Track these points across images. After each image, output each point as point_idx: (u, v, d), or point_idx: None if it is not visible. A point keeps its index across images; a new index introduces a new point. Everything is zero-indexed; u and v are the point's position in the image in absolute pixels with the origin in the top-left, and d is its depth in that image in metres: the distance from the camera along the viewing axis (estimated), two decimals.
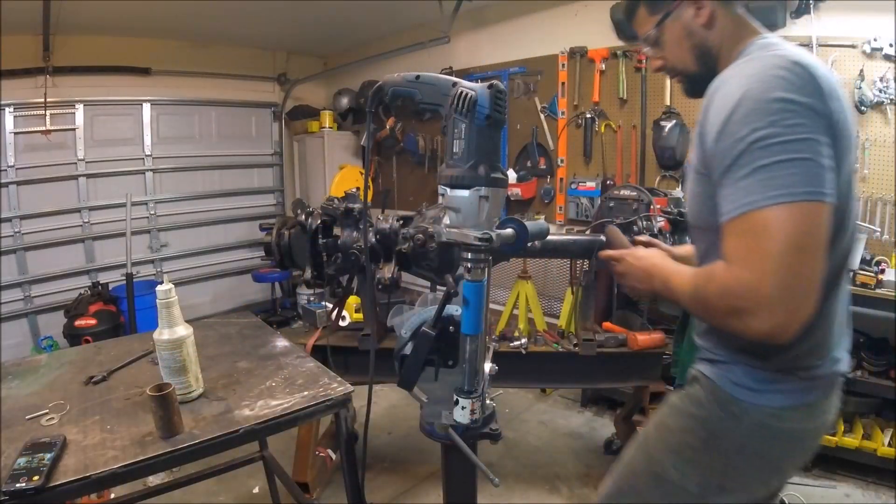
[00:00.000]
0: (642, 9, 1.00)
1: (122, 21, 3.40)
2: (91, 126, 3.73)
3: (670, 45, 0.99)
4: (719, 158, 0.77)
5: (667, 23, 0.96)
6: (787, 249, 0.71)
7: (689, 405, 0.95)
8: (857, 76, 2.41)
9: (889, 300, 2.13)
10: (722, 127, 0.77)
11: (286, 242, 2.13)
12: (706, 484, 0.93)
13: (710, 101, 0.82)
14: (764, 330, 0.73)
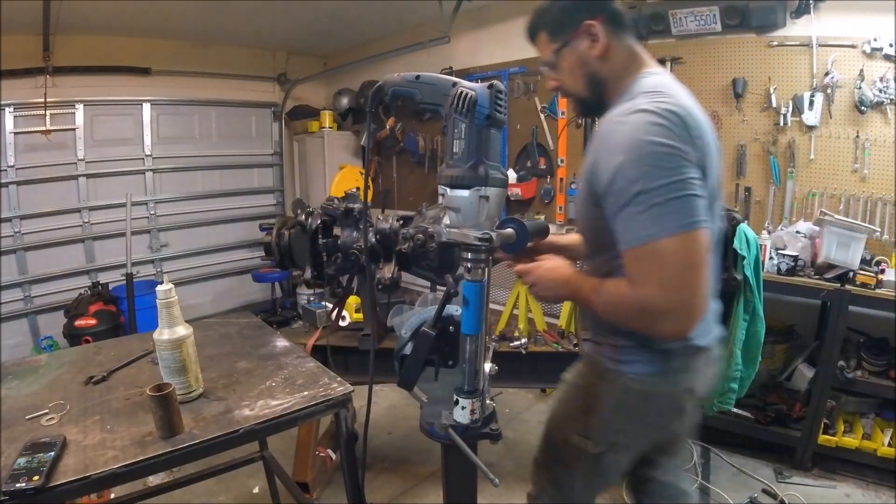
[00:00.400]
0: (544, 34, 1.07)
1: (122, 21, 3.40)
2: (91, 126, 3.73)
3: (566, 71, 1.07)
4: (614, 197, 0.90)
5: (564, 51, 1.05)
6: (680, 270, 0.87)
7: (576, 378, 1.20)
8: (857, 76, 2.41)
9: (889, 300, 2.12)
10: (616, 170, 0.89)
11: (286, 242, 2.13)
12: (601, 443, 1.10)
13: (602, 144, 0.94)
14: (668, 332, 0.92)
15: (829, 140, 2.53)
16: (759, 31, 2.63)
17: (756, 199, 2.75)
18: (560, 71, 1.08)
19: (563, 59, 1.06)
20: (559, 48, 1.05)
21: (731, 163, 2.81)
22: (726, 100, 2.77)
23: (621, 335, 1.05)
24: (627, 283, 0.92)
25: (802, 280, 2.29)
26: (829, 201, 2.55)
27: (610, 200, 0.91)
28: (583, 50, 1.04)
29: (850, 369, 2.28)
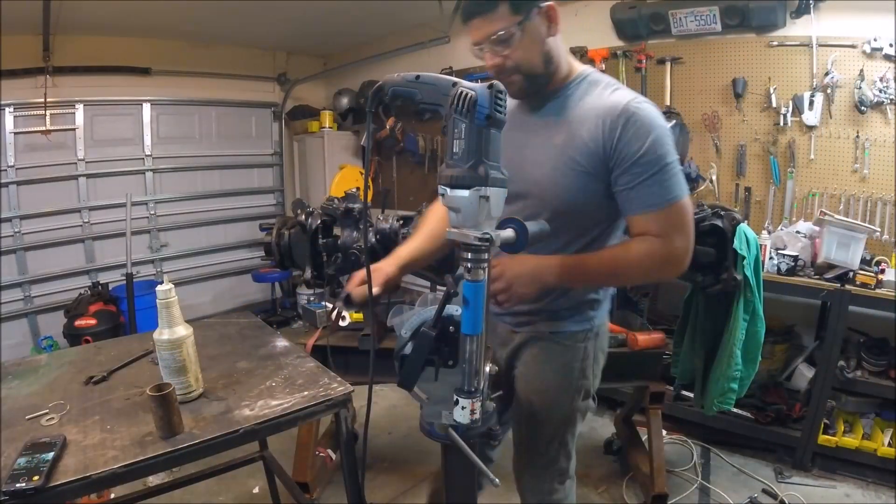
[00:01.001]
0: (505, 5, 1.04)
1: (122, 21, 3.40)
2: (91, 126, 3.73)
3: (524, 46, 1.07)
4: (641, 166, 1.05)
5: (527, 24, 1.06)
6: (692, 222, 1.10)
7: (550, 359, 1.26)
8: (857, 76, 2.41)
9: (889, 300, 2.13)
10: (650, 144, 1.04)
11: (286, 242, 2.13)
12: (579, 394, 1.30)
13: (615, 125, 1.06)
14: (681, 272, 1.13)
15: (829, 140, 2.53)
16: (759, 31, 2.63)
17: (756, 199, 2.75)
18: (516, 46, 1.07)
19: (525, 32, 1.06)
20: (522, 21, 1.05)
21: (731, 163, 2.81)
22: (726, 100, 2.77)
23: (565, 299, 1.21)
24: (655, 239, 1.08)
25: (802, 280, 2.29)
26: (829, 201, 2.55)
27: (628, 172, 1.06)
28: (542, 28, 1.09)
29: (850, 369, 2.28)
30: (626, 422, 2.52)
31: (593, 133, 1.07)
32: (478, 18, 1.06)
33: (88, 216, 3.80)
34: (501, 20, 1.04)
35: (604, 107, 1.08)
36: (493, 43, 1.06)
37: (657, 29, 2.88)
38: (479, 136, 0.80)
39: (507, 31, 1.04)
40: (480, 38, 1.07)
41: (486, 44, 1.07)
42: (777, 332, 2.49)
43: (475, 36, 1.08)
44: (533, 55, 1.09)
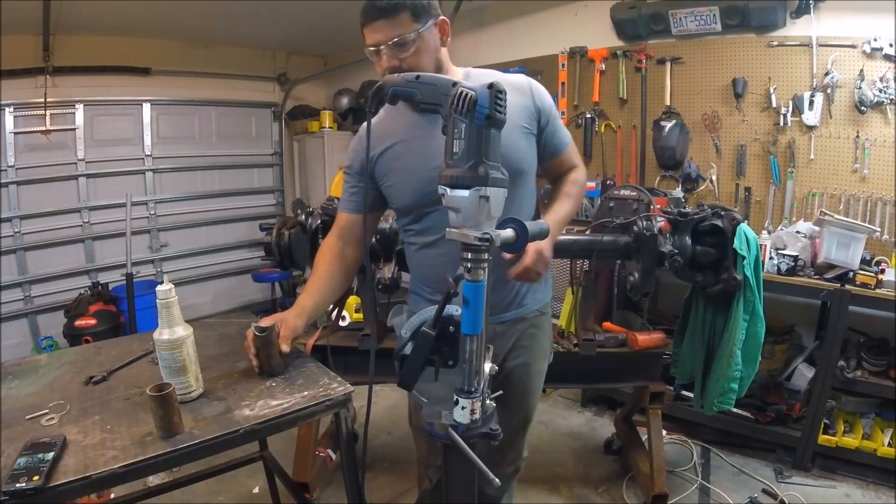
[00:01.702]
0: (407, 13, 1.15)
1: (122, 21, 3.40)
2: (91, 126, 3.73)
3: (420, 52, 1.18)
4: (553, 118, 1.34)
5: (425, 33, 1.17)
6: None
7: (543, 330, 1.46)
8: (857, 76, 2.41)
9: (889, 300, 2.13)
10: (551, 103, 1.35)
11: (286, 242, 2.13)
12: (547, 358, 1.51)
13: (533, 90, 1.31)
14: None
15: (829, 140, 2.53)
16: (759, 31, 2.64)
17: (756, 199, 2.75)
18: (413, 51, 1.17)
19: (423, 40, 1.17)
20: (422, 29, 1.16)
21: (731, 163, 2.81)
22: (726, 100, 2.77)
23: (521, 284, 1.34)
24: (580, 166, 1.45)
25: (802, 280, 2.29)
26: (829, 201, 2.55)
27: (551, 122, 1.34)
28: (435, 38, 1.22)
29: (850, 369, 2.28)
30: (626, 422, 2.52)
31: (523, 101, 1.27)
32: (381, 21, 1.15)
33: (88, 216, 3.80)
34: (403, 26, 1.15)
35: (513, 82, 1.26)
36: (393, 46, 1.15)
37: (657, 29, 2.89)
38: (479, 136, 0.80)
39: (407, 35, 1.15)
40: (381, 40, 1.16)
41: (385, 46, 1.16)
42: (777, 332, 2.49)
43: (376, 37, 1.17)
44: (427, 60, 1.20)
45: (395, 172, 1.29)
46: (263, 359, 1.21)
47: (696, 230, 1.83)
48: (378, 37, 1.16)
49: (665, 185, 3.00)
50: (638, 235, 1.83)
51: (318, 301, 1.36)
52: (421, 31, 1.16)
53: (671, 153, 2.90)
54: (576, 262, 2.29)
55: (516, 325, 1.39)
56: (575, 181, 1.42)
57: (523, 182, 1.31)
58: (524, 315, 1.40)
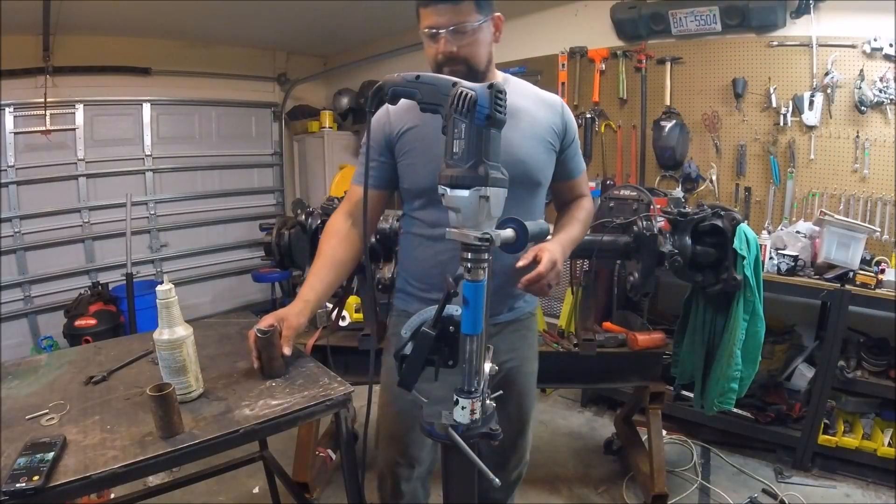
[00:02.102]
0: (472, 4, 1.16)
1: (122, 21, 3.40)
2: (91, 126, 3.73)
3: (478, 42, 1.19)
4: (574, 141, 1.37)
5: (484, 25, 1.19)
6: None
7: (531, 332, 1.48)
8: (857, 76, 2.41)
9: (889, 300, 2.13)
10: (575, 126, 1.39)
11: (286, 242, 2.13)
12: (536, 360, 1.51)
13: (564, 111, 1.35)
14: None
15: (829, 140, 2.53)
16: (759, 31, 2.64)
17: (756, 199, 2.75)
18: (469, 41, 1.17)
19: (481, 31, 1.19)
20: (482, 21, 1.18)
21: (731, 163, 2.81)
22: (726, 100, 2.77)
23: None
24: (588, 196, 1.46)
25: (802, 280, 2.29)
26: (829, 201, 2.55)
27: (573, 146, 1.37)
28: (491, 32, 1.24)
29: (850, 369, 2.28)
30: (626, 422, 2.52)
31: (552, 118, 1.30)
32: (445, 4, 1.15)
33: (88, 216, 3.80)
34: (466, 14, 1.15)
35: (546, 99, 1.33)
36: (454, 31, 1.16)
37: (657, 29, 2.89)
38: (479, 136, 0.80)
39: (469, 24, 1.16)
40: (442, 24, 1.16)
41: (446, 30, 1.16)
42: (777, 332, 2.49)
43: (436, 20, 1.16)
44: (483, 53, 1.21)
45: (416, 151, 1.27)
46: (265, 361, 1.20)
47: (696, 230, 1.83)
48: (439, 20, 1.16)
49: (665, 185, 3.00)
50: (638, 235, 1.83)
51: (322, 293, 1.29)
52: (481, 24, 1.17)
53: (671, 153, 2.90)
54: (576, 262, 2.29)
55: (510, 326, 1.39)
56: (585, 208, 1.44)
57: (538, 193, 1.33)
58: (518, 317, 1.40)
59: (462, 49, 1.17)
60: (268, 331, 1.17)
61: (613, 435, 2.60)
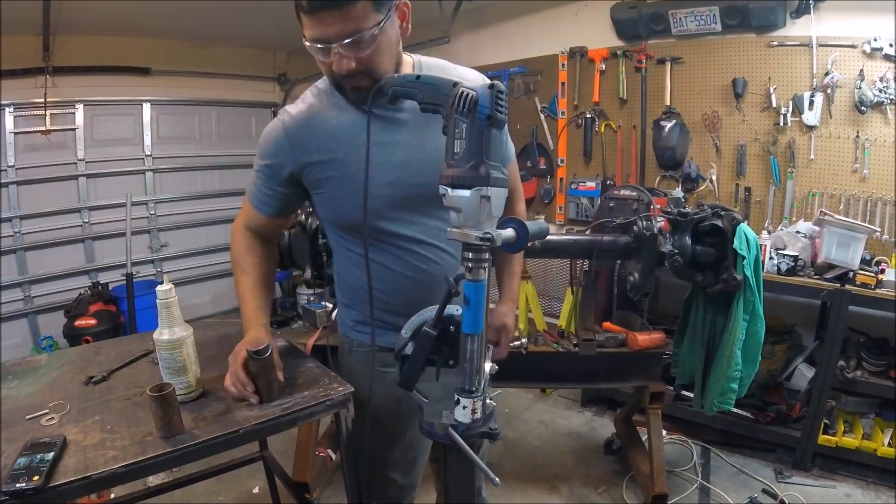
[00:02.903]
0: (366, 4, 0.91)
1: (122, 21, 3.40)
2: (91, 126, 3.73)
3: (381, 48, 0.97)
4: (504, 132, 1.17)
5: (387, 25, 0.95)
6: None
7: None
8: (857, 76, 2.41)
9: (889, 300, 2.13)
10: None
11: (286, 242, 2.13)
12: None
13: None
14: None
15: (829, 140, 2.53)
16: (759, 31, 2.64)
17: (756, 199, 2.75)
18: (373, 49, 0.96)
19: (384, 33, 0.96)
20: (384, 21, 0.94)
21: (731, 163, 2.81)
22: (726, 100, 2.77)
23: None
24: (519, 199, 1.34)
25: (802, 280, 2.29)
26: (829, 201, 2.55)
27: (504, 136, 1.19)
28: (396, 28, 1.01)
29: (850, 369, 2.28)
30: (626, 422, 2.52)
31: None
32: (330, 12, 0.91)
33: (88, 216, 3.80)
34: (360, 19, 0.92)
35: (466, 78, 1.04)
36: (349, 45, 0.93)
37: (657, 29, 2.89)
38: (480, 136, 0.80)
39: (367, 32, 0.93)
40: (332, 37, 0.93)
41: (338, 44, 0.93)
42: (777, 332, 2.49)
43: (324, 32, 0.93)
44: (387, 58, 1.00)
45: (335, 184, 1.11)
46: (264, 385, 1.10)
47: (696, 230, 1.83)
48: (329, 32, 0.93)
49: (665, 185, 3.00)
50: (638, 235, 1.83)
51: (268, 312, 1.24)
52: (383, 25, 0.94)
53: (671, 153, 2.90)
54: (576, 262, 2.29)
55: None
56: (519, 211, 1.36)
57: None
58: None
59: (363, 61, 0.96)
60: (263, 350, 1.07)
61: (613, 435, 2.60)
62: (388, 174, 1.08)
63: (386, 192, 1.09)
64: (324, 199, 1.15)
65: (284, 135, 1.10)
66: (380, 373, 1.14)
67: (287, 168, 1.12)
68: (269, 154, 1.13)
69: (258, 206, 1.21)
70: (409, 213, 1.13)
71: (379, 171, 1.06)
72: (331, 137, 1.08)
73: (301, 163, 1.10)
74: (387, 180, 1.08)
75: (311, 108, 1.10)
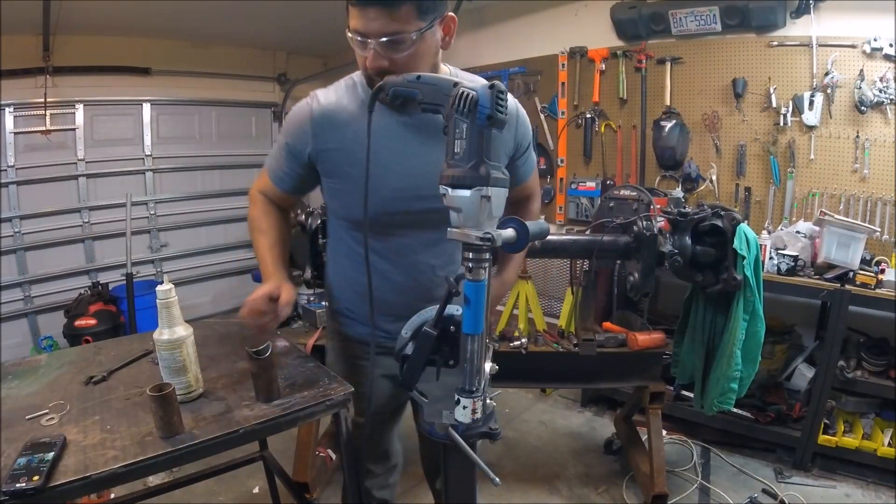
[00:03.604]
0: (411, 7, 0.95)
1: (122, 21, 3.39)
2: (91, 126, 3.72)
3: (418, 54, 0.99)
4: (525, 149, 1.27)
5: (427, 33, 0.99)
6: None
7: None
8: (857, 76, 2.41)
9: (889, 300, 2.13)
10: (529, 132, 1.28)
11: None
12: None
13: (519, 121, 1.22)
14: None
15: (829, 140, 2.53)
16: (759, 31, 2.64)
17: (756, 199, 2.75)
18: (407, 53, 0.98)
19: (423, 41, 0.99)
20: (425, 28, 0.97)
21: (731, 163, 2.81)
22: (726, 100, 2.77)
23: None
24: (534, 198, 1.40)
25: (802, 280, 2.29)
26: (829, 201, 2.55)
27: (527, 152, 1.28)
28: (437, 39, 1.04)
29: (850, 369, 2.28)
30: (626, 422, 2.52)
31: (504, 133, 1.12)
32: (376, 9, 0.94)
33: (88, 216, 3.80)
34: (403, 21, 0.95)
35: None
36: (388, 43, 0.96)
37: (657, 29, 2.89)
38: (481, 136, 0.80)
39: (406, 35, 0.95)
40: (372, 33, 0.96)
41: (376, 41, 0.96)
42: (777, 332, 2.49)
43: (367, 26, 0.96)
44: (423, 65, 1.02)
45: (343, 178, 1.15)
46: (264, 384, 1.12)
47: (696, 230, 1.84)
48: (370, 27, 0.96)
49: (665, 185, 3.00)
50: (638, 235, 1.83)
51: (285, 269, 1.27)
52: (423, 32, 0.98)
53: (671, 153, 2.90)
54: (576, 262, 2.29)
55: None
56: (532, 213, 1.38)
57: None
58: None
59: (397, 63, 0.99)
60: (264, 350, 1.09)
61: (613, 435, 2.60)
62: (398, 180, 1.12)
63: (391, 197, 1.13)
64: (333, 190, 1.20)
65: (309, 119, 1.14)
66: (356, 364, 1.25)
67: (306, 152, 1.16)
68: (292, 135, 1.18)
69: (276, 181, 1.25)
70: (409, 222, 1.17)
71: (389, 175, 1.10)
72: (351, 133, 1.11)
73: (319, 150, 1.15)
74: (396, 186, 1.12)
75: (339, 99, 1.14)
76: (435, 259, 1.23)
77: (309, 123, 1.14)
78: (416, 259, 1.22)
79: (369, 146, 1.00)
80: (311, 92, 1.18)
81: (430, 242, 1.21)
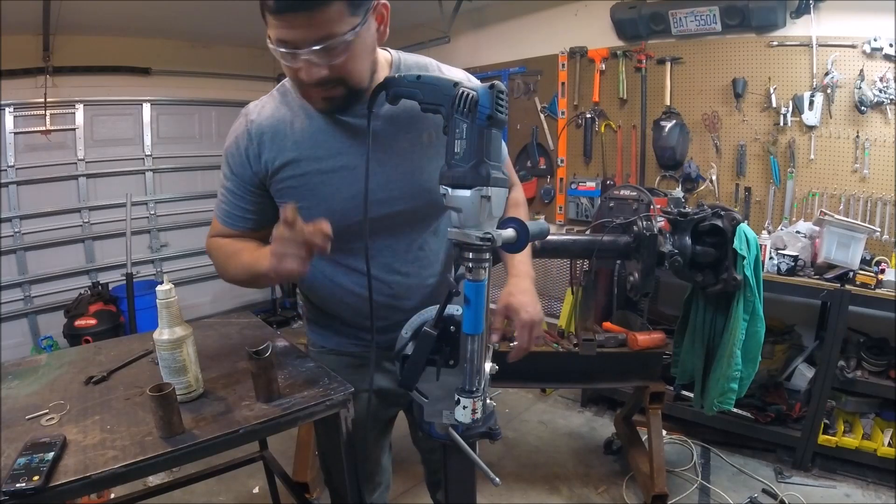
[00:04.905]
0: (341, 5, 0.82)
1: (122, 21, 3.40)
2: (91, 126, 3.73)
3: (356, 55, 0.89)
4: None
5: (362, 29, 0.86)
6: None
7: None
8: (857, 76, 2.41)
9: (889, 300, 2.13)
10: None
11: None
12: None
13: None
14: None
15: (829, 140, 2.53)
16: (759, 31, 2.64)
17: (756, 199, 2.75)
18: (347, 56, 0.87)
19: (359, 39, 0.87)
20: (360, 25, 0.85)
21: (731, 163, 2.81)
22: (726, 100, 2.77)
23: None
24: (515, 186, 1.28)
25: (802, 280, 2.29)
26: (829, 201, 2.55)
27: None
28: (373, 32, 0.92)
29: (850, 369, 2.28)
30: (626, 422, 2.52)
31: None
32: (301, 14, 0.81)
33: (88, 216, 3.80)
34: (334, 23, 0.83)
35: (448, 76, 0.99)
36: (319, 51, 0.84)
37: (657, 29, 2.89)
38: (481, 136, 0.80)
39: (341, 37, 0.84)
40: (299, 41, 0.84)
41: (307, 51, 0.84)
42: (777, 332, 2.50)
43: (289, 34, 0.84)
44: (362, 65, 0.92)
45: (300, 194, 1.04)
46: (264, 384, 1.10)
47: (696, 230, 1.84)
48: (295, 35, 0.84)
49: (665, 185, 3.00)
50: (638, 235, 1.83)
51: None
52: (359, 29, 0.85)
53: (671, 153, 2.90)
54: (576, 262, 2.29)
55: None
56: (517, 204, 1.26)
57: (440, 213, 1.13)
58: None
59: (335, 69, 0.89)
60: (264, 350, 1.08)
61: (613, 435, 2.60)
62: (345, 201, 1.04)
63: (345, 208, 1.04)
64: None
65: (247, 137, 1.04)
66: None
67: (252, 169, 1.05)
68: (234, 164, 1.06)
69: (233, 223, 1.11)
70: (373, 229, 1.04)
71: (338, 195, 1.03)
72: (291, 143, 1.03)
73: (268, 167, 1.04)
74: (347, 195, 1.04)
75: (275, 111, 1.06)
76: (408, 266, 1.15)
77: (248, 140, 1.04)
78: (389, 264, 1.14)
79: (369, 146, 0.98)
80: (241, 111, 1.09)
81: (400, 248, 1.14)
